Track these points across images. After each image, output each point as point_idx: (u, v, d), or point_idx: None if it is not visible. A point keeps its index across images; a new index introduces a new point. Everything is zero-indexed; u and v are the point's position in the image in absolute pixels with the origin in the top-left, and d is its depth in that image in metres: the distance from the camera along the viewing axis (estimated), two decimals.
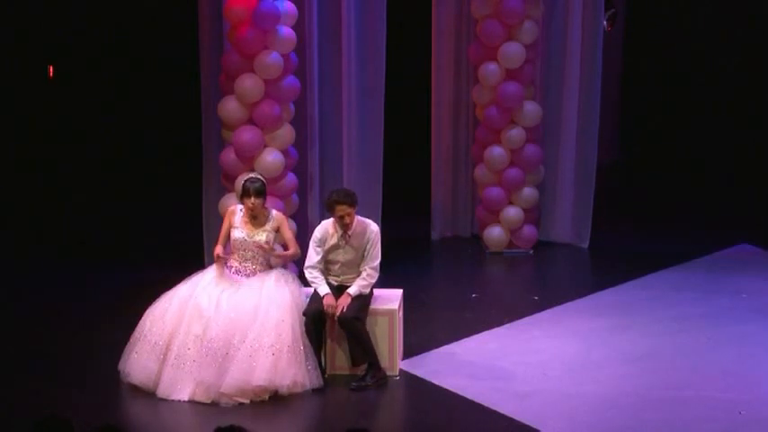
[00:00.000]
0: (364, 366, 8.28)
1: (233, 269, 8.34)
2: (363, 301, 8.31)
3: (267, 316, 8.02)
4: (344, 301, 8.20)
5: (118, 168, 14.95)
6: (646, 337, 9.21)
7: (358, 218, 8.39)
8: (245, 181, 8.33)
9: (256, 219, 8.34)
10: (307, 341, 8.10)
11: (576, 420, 7.70)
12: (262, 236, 8.30)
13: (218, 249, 8.32)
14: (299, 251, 8.45)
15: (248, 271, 8.32)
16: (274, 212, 8.44)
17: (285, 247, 8.57)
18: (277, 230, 8.38)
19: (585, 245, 12.03)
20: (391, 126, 11.50)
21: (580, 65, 11.71)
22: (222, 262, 8.29)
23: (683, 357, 8.80)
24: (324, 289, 8.26)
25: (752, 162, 15.12)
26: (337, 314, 8.16)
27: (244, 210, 8.38)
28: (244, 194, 8.28)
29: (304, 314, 8.14)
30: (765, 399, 7.99)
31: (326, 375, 8.30)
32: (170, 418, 7.86)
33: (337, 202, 8.22)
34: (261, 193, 8.26)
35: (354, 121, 11.03)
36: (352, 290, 8.26)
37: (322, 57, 10.84)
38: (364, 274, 8.32)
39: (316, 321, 8.16)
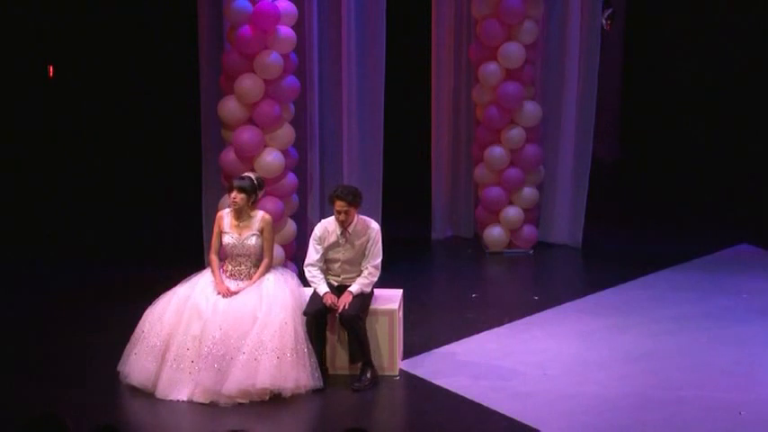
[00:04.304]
0: (359, 365, 8.29)
1: (227, 273, 8.34)
2: (364, 300, 8.32)
3: (269, 317, 8.01)
4: (346, 299, 8.21)
5: (118, 168, 14.94)
6: (646, 337, 9.21)
7: (360, 216, 8.40)
8: (236, 177, 8.39)
9: (243, 219, 8.33)
10: (309, 342, 8.10)
11: (575, 420, 7.71)
12: (251, 239, 8.30)
13: (214, 259, 8.35)
14: (271, 262, 8.40)
15: (243, 275, 8.33)
16: (261, 214, 8.43)
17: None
18: (262, 232, 8.37)
19: (585, 245, 12.01)
20: (391, 126, 11.50)
21: (578, 65, 11.70)
22: (219, 275, 8.32)
23: (683, 357, 8.80)
24: (323, 288, 8.27)
25: (752, 162, 15.11)
26: (339, 311, 8.17)
27: (230, 210, 8.39)
28: (230, 188, 8.34)
29: (305, 314, 8.15)
30: (765, 399, 7.99)
31: (329, 375, 8.30)
32: (169, 418, 7.86)
33: (338, 196, 8.26)
34: (244, 189, 8.27)
35: (354, 121, 11.03)
36: (354, 288, 8.27)
37: (322, 57, 10.84)
38: (365, 272, 8.34)
39: (317, 321, 8.17)
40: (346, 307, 8.19)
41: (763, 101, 15.53)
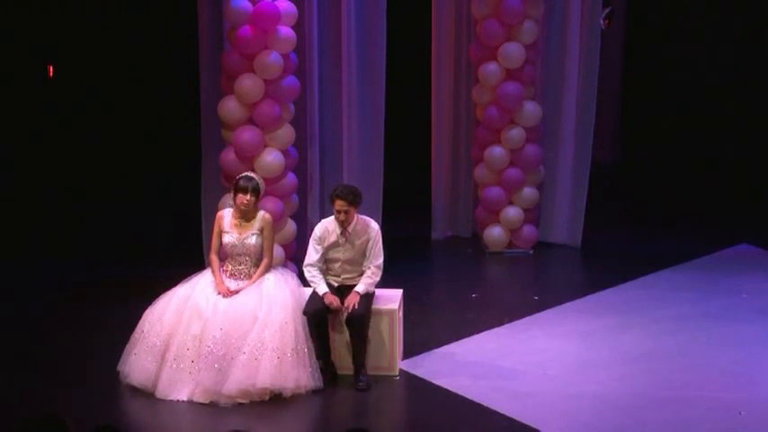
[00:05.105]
0: (354, 365, 8.30)
1: (228, 272, 8.34)
2: (368, 300, 8.33)
3: (269, 317, 8.01)
4: (354, 299, 8.20)
5: (118, 168, 14.94)
6: (646, 337, 9.21)
7: (359, 216, 8.41)
8: (241, 178, 8.35)
9: (246, 218, 8.32)
10: (310, 342, 8.10)
11: (575, 420, 7.71)
12: (251, 239, 8.29)
13: (214, 259, 8.34)
14: (270, 262, 8.40)
15: (243, 274, 8.32)
16: (262, 213, 8.43)
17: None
18: (262, 231, 8.37)
19: (585, 245, 12.01)
20: (391, 126, 11.50)
21: (578, 65, 11.70)
22: (219, 275, 8.30)
23: (683, 357, 8.81)
24: (323, 288, 8.26)
25: (752, 162, 15.12)
26: (349, 311, 8.16)
27: (233, 210, 8.38)
28: (239, 190, 8.27)
29: (304, 313, 8.14)
30: (765, 399, 8.00)
31: (339, 374, 8.34)
32: (169, 418, 7.86)
33: (338, 196, 8.26)
34: (257, 191, 8.28)
35: (354, 121, 11.03)
36: (360, 288, 8.27)
37: (322, 57, 10.85)
38: (369, 272, 8.34)
39: (317, 320, 8.16)
40: (356, 306, 8.19)
41: (764, 101, 15.53)
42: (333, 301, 8.20)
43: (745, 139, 15.68)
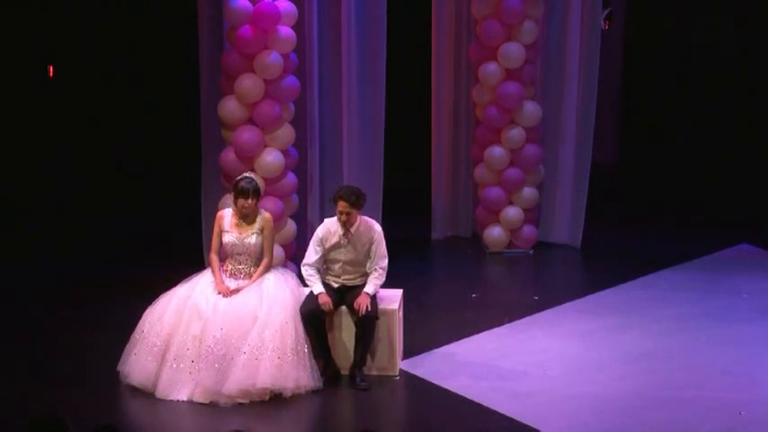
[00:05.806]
0: (355, 365, 8.29)
1: (228, 272, 8.33)
2: (375, 301, 8.32)
3: (269, 317, 8.01)
4: (366, 300, 8.19)
5: (117, 168, 14.94)
6: (646, 337, 9.22)
7: (362, 217, 8.40)
8: (241, 180, 8.32)
9: (246, 219, 8.32)
10: (308, 342, 8.10)
11: (575, 420, 7.70)
12: (251, 238, 8.29)
13: (214, 259, 8.33)
14: (270, 262, 8.40)
15: (243, 274, 8.32)
16: (262, 213, 8.43)
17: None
18: (262, 231, 8.37)
19: (585, 245, 12.01)
20: (391, 126, 11.50)
21: (578, 65, 11.70)
22: (219, 275, 8.30)
23: (683, 357, 8.81)
24: (318, 288, 8.25)
25: (752, 162, 15.12)
26: (362, 313, 8.16)
27: (233, 211, 8.38)
28: (240, 194, 8.26)
29: (300, 313, 8.13)
30: (765, 399, 8.00)
31: (341, 374, 8.33)
32: (169, 418, 7.85)
33: (340, 197, 8.25)
34: (257, 193, 8.28)
35: (354, 121, 11.03)
36: (370, 289, 8.27)
37: (322, 57, 10.85)
38: (376, 274, 8.34)
39: (312, 320, 8.15)
40: (369, 308, 8.18)
41: (764, 100, 15.53)
42: (326, 302, 8.19)
43: (745, 138, 15.68)
